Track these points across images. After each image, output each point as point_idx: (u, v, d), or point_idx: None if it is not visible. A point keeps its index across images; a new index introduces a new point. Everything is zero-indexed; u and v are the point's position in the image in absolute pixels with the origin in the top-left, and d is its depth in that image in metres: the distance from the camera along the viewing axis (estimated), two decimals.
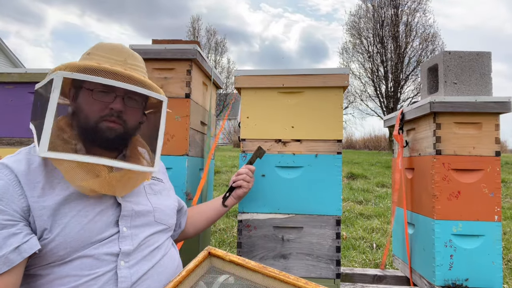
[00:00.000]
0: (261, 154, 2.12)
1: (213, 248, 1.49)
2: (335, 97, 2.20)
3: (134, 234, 1.46)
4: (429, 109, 2.20)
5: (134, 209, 1.49)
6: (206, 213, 2.01)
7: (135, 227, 1.48)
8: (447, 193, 2.18)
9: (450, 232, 2.16)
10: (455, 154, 2.20)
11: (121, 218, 1.44)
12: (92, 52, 1.49)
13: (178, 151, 2.34)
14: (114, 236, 1.41)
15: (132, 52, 1.55)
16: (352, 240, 4.71)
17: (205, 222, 2.01)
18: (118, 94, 1.44)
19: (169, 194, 1.76)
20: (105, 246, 1.38)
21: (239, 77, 2.26)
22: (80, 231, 1.34)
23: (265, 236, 2.19)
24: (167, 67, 2.40)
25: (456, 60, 2.33)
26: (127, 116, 1.47)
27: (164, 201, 1.67)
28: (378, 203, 6.81)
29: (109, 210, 1.43)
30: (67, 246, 1.31)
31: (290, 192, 2.19)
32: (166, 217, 1.63)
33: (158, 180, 1.74)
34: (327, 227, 2.15)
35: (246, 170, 2.05)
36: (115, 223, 1.43)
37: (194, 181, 2.50)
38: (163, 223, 1.60)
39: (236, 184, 2.04)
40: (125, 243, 1.42)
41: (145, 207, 1.54)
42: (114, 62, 1.46)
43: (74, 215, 1.35)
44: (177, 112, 2.35)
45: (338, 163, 2.17)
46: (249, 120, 2.26)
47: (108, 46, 1.50)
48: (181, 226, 1.93)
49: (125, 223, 1.45)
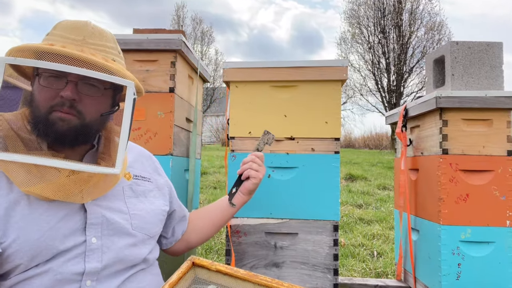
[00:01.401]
0: (269, 139, 1.98)
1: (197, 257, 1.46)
2: (332, 91, 2.20)
3: (105, 246, 1.38)
4: (435, 105, 2.19)
5: (105, 216, 1.40)
6: (210, 217, 1.91)
7: (107, 237, 1.40)
8: (454, 196, 2.16)
9: (457, 239, 2.15)
10: (463, 153, 2.18)
11: (89, 227, 1.36)
12: (52, 32, 1.39)
13: (161, 150, 2.31)
14: (81, 248, 1.34)
15: (98, 30, 1.43)
16: (351, 248, 4.70)
17: (210, 227, 1.90)
18: (70, 79, 1.32)
19: (156, 195, 1.66)
20: (69, 263, 1.32)
21: (228, 69, 2.25)
22: (40, 239, 1.28)
23: (256, 243, 2.18)
24: (149, 58, 2.38)
25: (464, 51, 2.32)
26: (83, 105, 1.35)
27: (148, 205, 1.58)
28: (380, 207, 6.83)
29: (75, 215, 1.36)
30: (23, 256, 1.26)
31: (283, 195, 2.18)
32: (147, 225, 1.53)
33: (144, 179, 1.64)
34: (323, 233, 2.14)
35: (252, 157, 1.89)
36: (82, 231, 1.36)
37: (179, 183, 2.47)
38: (142, 232, 1.51)
39: (244, 175, 1.88)
40: (93, 259, 1.35)
41: (119, 213, 1.45)
42: (70, 42, 1.35)
43: (34, 218, 1.29)
44: (160, 108, 2.33)
45: (335, 163, 2.16)
46: (238, 116, 2.24)
47: (70, 24, 1.39)
48: (175, 234, 1.82)
49: (94, 232, 1.37)
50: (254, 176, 1.86)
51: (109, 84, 1.39)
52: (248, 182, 1.87)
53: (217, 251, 4.48)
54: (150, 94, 2.33)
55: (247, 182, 1.88)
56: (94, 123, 1.39)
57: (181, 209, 1.85)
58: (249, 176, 1.86)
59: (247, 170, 1.87)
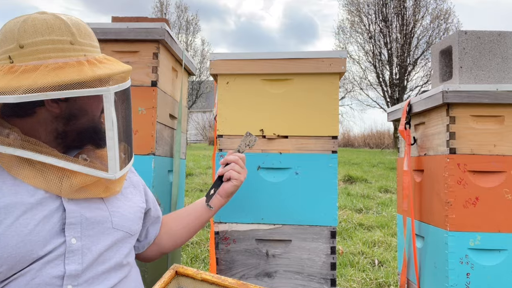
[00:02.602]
0: (251, 141, 2.01)
1: (181, 266, 1.50)
2: (329, 85, 2.19)
3: (85, 247, 1.41)
4: (441, 100, 2.17)
5: (84, 215, 1.43)
6: (184, 219, 1.93)
7: (88, 237, 1.42)
8: (462, 199, 2.14)
9: (466, 246, 2.13)
10: (472, 153, 2.17)
11: (68, 227, 1.38)
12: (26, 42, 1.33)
13: (143, 149, 2.32)
14: (60, 250, 1.36)
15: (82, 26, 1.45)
16: (350, 256, 4.74)
17: (184, 230, 1.92)
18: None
19: (133, 192, 1.71)
20: (48, 265, 1.33)
21: (216, 61, 2.23)
22: (19, 245, 1.28)
23: (246, 250, 2.17)
24: (130, 49, 2.37)
25: (473, 41, 2.30)
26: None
27: (126, 202, 1.63)
28: (381, 211, 6.93)
29: (54, 216, 1.38)
30: (3, 264, 1.26)
31: (276, 199, 2.17)
32: (127, 222, 1.57)
33: None
34: (320, 240, 2.14)
35: (235, 157, 1.93)
36: (61, 232, 1.37)
37: (162, 185, 2.47)
38: (123, 230, 1.55)
39: (225, 176, 1.91)
40: (73, 261, 1.36)
41: (99, 212, 1.48)
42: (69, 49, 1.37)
43: (12, 223, 1.29)
44: (141, 103, 2.33)
45: (333, 164, 2.17)
46: (227, 112, 2.23)
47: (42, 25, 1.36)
48: (148, 236, 1.84)
49: (73, 232, 1.39)
50: (236, 178, 1.89)
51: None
52: (229, 184, 1.90)
53: (204, 259, 4.50)
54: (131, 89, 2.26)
55: (227, 184, 1.90)
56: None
57: (156, 209, 1.88)
58: (230, 177, 1.89)
59: (228, 171, 1.90)
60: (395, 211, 6.74)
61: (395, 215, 6.39)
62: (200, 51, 34.87)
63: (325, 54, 2.18)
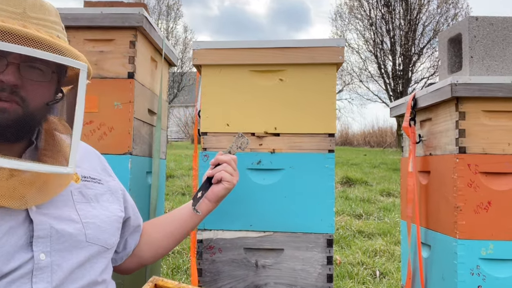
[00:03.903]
0: (243, 143, 2.00)
1: (160, 278, 1.55)
2: (326, 77, 2.19)
3: (55, 263, 1.37)
4: (450, 93, 2.16)
5: (54, 227, 1.38)
6: (167, 226, 1.90)
7: (58, 252, 1.38)
8: (473, 204, 2.13)
9: (477, 256, 2.12)
10: (484, 152, 2.16)
11: (36, 241, 1.34)
12: None
13: (118, 148, 2.31)
14: (27, 267, 1.31)
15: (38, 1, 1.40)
16: (348, 266, 4.75)
17: (168, 240, 1.89)
18: (11, 61, 1.29)
19: (110, 200, 1.67)
20: (14, 284, 1.29)
21: (199, 50, 2.22)
22: None
23: (234, 261, 2.17)
24: (104, 37, 2.36)
25: (485, 28, 2.30)
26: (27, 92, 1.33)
27: (102, 211, 1.58)
28: (383, 217, 7.02)
29: (20, 228, 1.33)
30: None
31: (266, 203, 2.17)
32: (103, 234, 1.53)
33: (94, 180, 1.64)
34: (315, 249, 2.14)
35: (227, 157, 1.91)
36: (28, 246, 1.33)
37: (140, 188, 2.48)
38: (98, 244, 1.51)
39: (216, 177, 1.88)
40: (41, 279, 1.33)
41: (70, 223, 1.44)
42: (7, 16, 1.30)
43: None
44: (117, 97, 2.32)
45: (329, 165, 2.17)
46: (212, 107, 2.24)
47: None
48: (127, 247, 1.81)
49: (42, 247, 1.35)
50: (229, 180, 1.85)
51: (58, 67, 1.40)
52: (219, 186, 1.86)
53: (186, 270, 4.53)
54: (105, 81, 2.32)
55: (217, 186, 1.87)
56: (39, 113, 1.38)
57: (136, 217, 1.84)
58: (222, 179, 1.85)
59: (220, 172, 1.86)
60: (398, 217, 6.82)
61: (399, 222, 6.48)
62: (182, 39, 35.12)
63: (320, 43, 2.17)
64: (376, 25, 26.12)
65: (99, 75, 2.31)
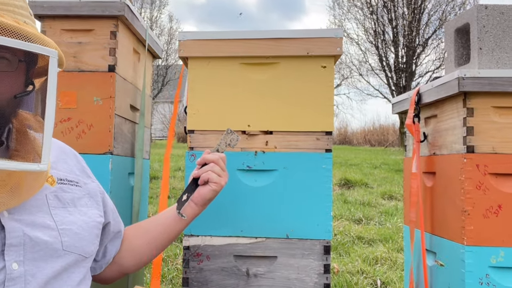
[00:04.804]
0: (233, 140, 1.96)
1: None
2: (322, 70, 2.17)
3: (29, 273, 1.35)
4: (457, 88, 2.14)
5: (27, 234, 1.36)
6: (150, 232, 1.86)
7: (32, 261, 1.36)
8: (482, 207, 2.11)
9: (487, 264, 2.10)
10: (494, 152, 2.13)
11: (8, 249, 1.32)
12: None
13: (98, 148, 2.30)
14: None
15: None
16: (347, 275, 4.74)
17: (150, 246, 1.85)
18: None
19: (88, 204, 1.65)
20: None
21: (186, 42, 2.21)
22: None
23: (223, 269, 2.15)
24: (83, 28, 2.36)
25: (496, 17, 2.28)
26: None
27: (80, 216, 1.56)
28: (384, 222, 7.03)
29: None
30: None
31: (258, 207, 2.15)
32: (81, 242, 1.51)
33: (71, 183, 1.62)
34: (311, 256, 2.12)
35: (215, 156, 1.87)
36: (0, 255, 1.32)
37: (121, 190, 2.48)
38: (75, 252, 1.48)
39: (202, 178, 1.84)
40: None
41: (45, 230, 1.42)
42: None
43: None
44: (97, 92, 2.31)
45: (327, 165, 2.15)
46: (199, 103, 2.22)
47: None
48: (107, 255, 1.77)
49: (15, 256, 1.33)
50: (216, 181, 1.81)
51: (26, 55, 1.36)
52: (206, 188, 1.82)
53: (172, 279, 4.52)
54: (84, 74, 2.32)
55: (203, 188, 1.83)
56: (7, 108, 1.35)
57: (116, 222, 1.82)
58: (209, 180, 1.81)
59: (206, 172, 1.82)
60: (401, 221, 6.85)
61: (401, 227, 6.53)
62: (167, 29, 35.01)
63: (317, 33, 2.16)
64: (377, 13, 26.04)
65: (77, 68, 2.31)
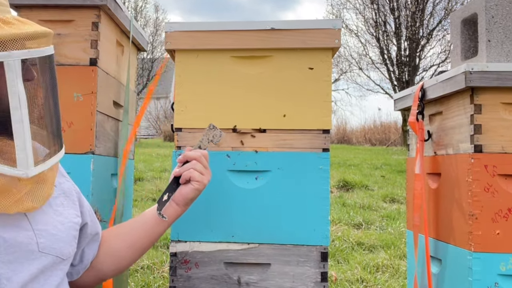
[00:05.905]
0: (215, 136, 1.96)
1: None
2: (320, 64, 2.17)
3: (5, 276, 1.36)
4: (463, 83, 2.10)
5: (1, 236, 1.37)
6: (129, 235, 1.87)
7: (7, 264, 1.38)
8: (491, 211, 2.08)
9: (495, 271, 2.07)
10: (503, 151, 2.11)
11: None
12: None
13: (79, 147, 2.30)
14: None
15: None
16: (346, 284, 4.75)
17: (130, 249, 1.85)
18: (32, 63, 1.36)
19: (64, 204, 1.66)
20: None
21: (173, 33, 2.20)
22: None
23: (213, 277, 2.13)
24: (62, 18, 2.35)
25: (505, 7, 2.26)
26: None
27: (56, 217, 1.57)
28: (386, 226, 7.03)
29: None
30: None
31: (250, 210, 2.14)
32: (58, 243, 1.52)
33: None
34: (307, 263, 2.11)
35: (197, 153, 1.86)
36: None
37: (104, 192, 2.48)
38: (52, 254, 1.50)
39: (184, 176, 1.83)
40: None
41: (21, 231, 1.43)
42: None
43: None
44: (77, 88, 2.31)
45: (324, 166, 2.14)
46: (187, 99, 2.22)
47: None
48: (84, 259, 1.78)
49: None
50: (198, 179, 1.81)
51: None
52: (187, 187, 1.83)
53: None
54: (63, 68, 2.29)
55: (185, 187, 1.83)
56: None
57: (93, 223, 1.82)
58: (191, 178, 1.82)
59: (188, 171, 1.82)
60: (404, 226, 6.88)
61: (404, 232, 6.55)
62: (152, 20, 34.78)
63: (313, 24, 2.16)
64: (378, 2, 25.91)
65: (56, 61, 2.20)
